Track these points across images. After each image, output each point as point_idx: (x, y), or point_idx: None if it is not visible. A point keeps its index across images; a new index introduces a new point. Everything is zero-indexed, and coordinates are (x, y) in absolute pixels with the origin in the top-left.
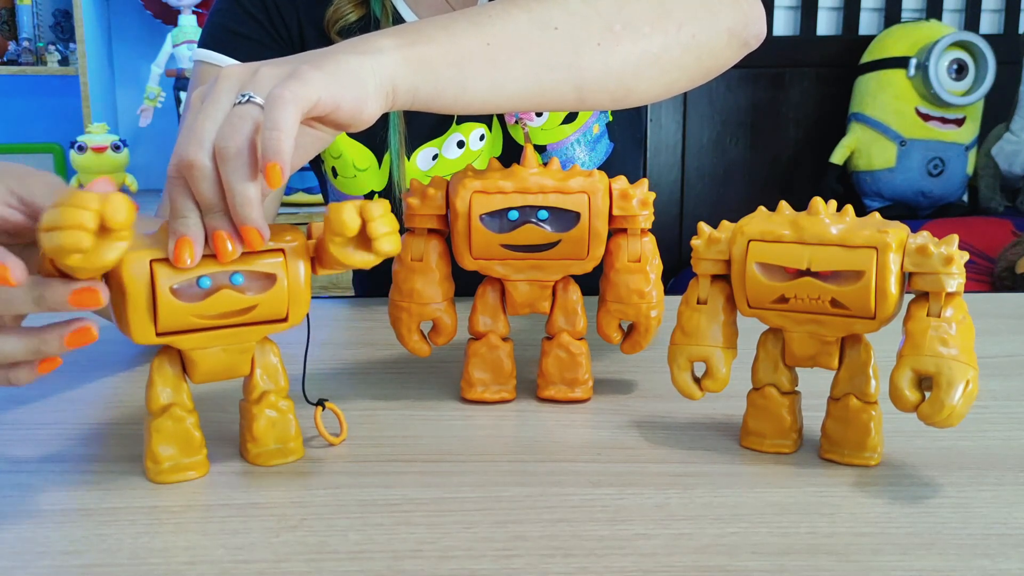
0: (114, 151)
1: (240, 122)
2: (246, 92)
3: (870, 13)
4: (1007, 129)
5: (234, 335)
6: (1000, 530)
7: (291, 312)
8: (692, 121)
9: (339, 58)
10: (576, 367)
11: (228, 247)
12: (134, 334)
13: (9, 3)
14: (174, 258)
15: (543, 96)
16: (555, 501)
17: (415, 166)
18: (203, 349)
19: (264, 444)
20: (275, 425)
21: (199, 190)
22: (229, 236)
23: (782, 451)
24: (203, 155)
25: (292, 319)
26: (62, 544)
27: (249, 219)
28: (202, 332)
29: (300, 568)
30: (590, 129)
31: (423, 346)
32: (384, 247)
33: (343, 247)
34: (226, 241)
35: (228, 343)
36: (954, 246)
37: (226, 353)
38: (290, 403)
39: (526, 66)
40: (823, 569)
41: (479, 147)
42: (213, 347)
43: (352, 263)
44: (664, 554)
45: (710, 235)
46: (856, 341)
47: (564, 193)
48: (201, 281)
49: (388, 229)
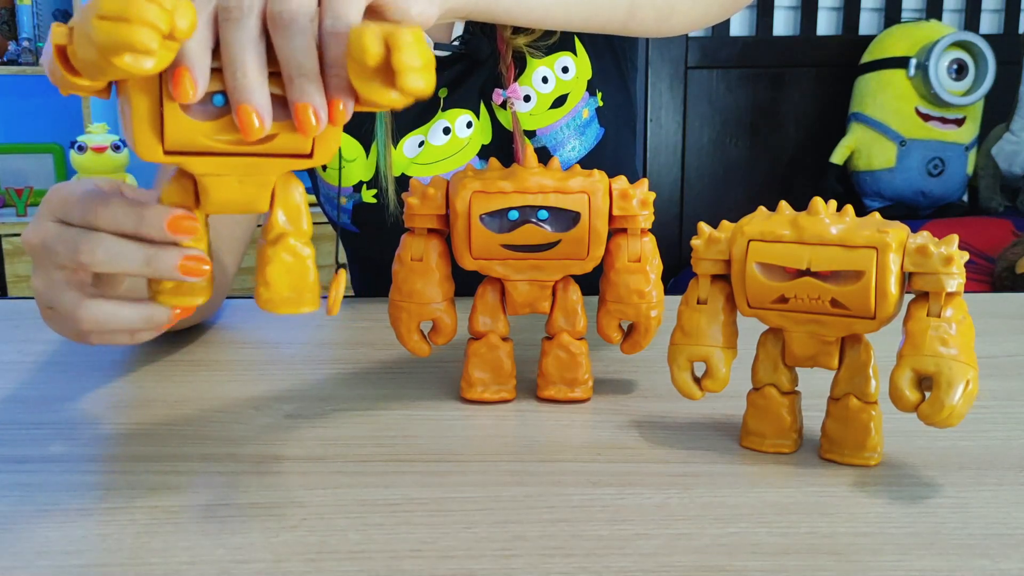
0: (114, 151)
1: None
2: None
3: (870, 13)
4: (1007, 129)
5: (252, 164)
6: (1000, 530)
7: (317, 147)
8: (692, 121)
9: None
10: (576, 367)
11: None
12: (139, 149)
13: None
14: (174, 91)
15: (597, 9)
16: (555, 501)
17: (401, 154)
18: (217, 176)
19: (277, 290)
20: (291, 271)
21: (239, 42)
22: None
23: (782, 451)
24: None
25: (319, 156)
26: (62, 544)
27: (306, 94)
28: (216, 156)
29: (300, 568)
30: (579, 114)
31: (423, 346)
32: (410, 83)
33: (364, 79)
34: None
35: (245, 173)
36: (954, 246)
37: (242, 184)
38: (311, 249)
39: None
40: (823, 569)
41: (466, 134)
42: (228, 175)
43: (375, 99)
44: (664, 554)
45: (710, 235)
46: (856, 341)
47: (564, 193)
48: (216, 99)
49: (418, 62)
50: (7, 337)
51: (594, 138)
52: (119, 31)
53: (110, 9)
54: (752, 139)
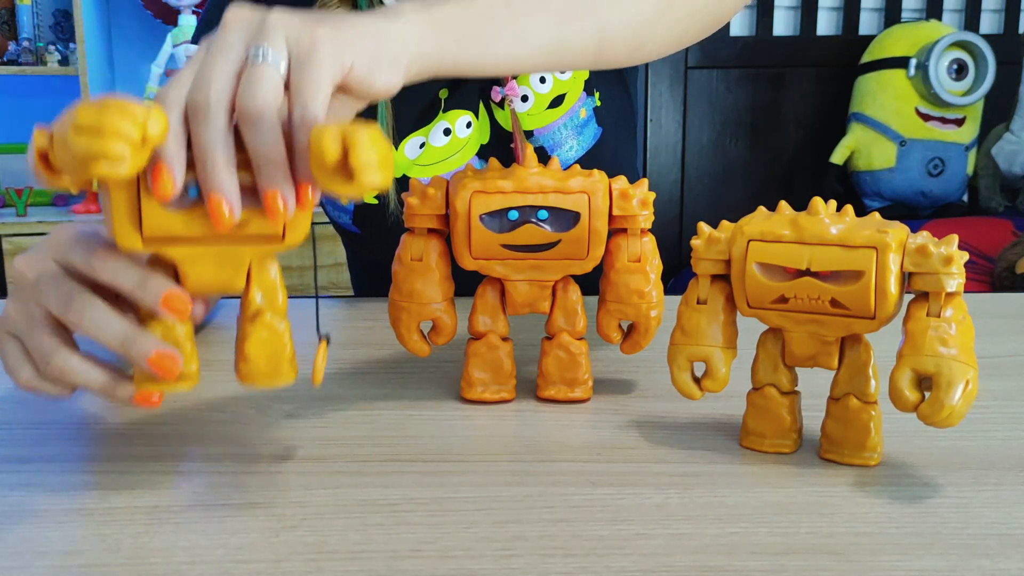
0: None
1: (259, 83)
2: (260, 46)
3: (870, 13)
4: (1007, 129)
5: (227, 249)
6: (1000, 530)
7: (289, 231)
8: (692, 121)
9: (360, 22)
10: (576, 367)
11: (226, 212)
12: (118, 239)
13: (9, 3)
14: (154, 188)
15: (565, 52)
16: (555, 501)
17: (403, 155)
18: (193, 261)
19: (255, 364)
20: (267, 345)
21: (208, 138)
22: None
23: (782, 451)
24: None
25: (290, 239)
26: (62, 544)
27: (274, 182)
28: (192, 243)
29: (300, 568)
30: (577, 114)
31: (423, 346)
32: (367, 180)
33: (325, 175)
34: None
35: (220, 257)
36: (954, 246)
37: (218, 267)
38: (287, 324)
39: (548, 22)
40: (823, 569)
41: (466, 135)
42: (204, 259)
43: (335, 192)
44: (664, 554)
45: (710, 235)
46: (856, 341)
47: (564, 193)
48: (190, 190)
49: (373, 159)
50: None
51: (592, 138)
52: (94, 143)
53: (85, 122)
54: (752, 139)
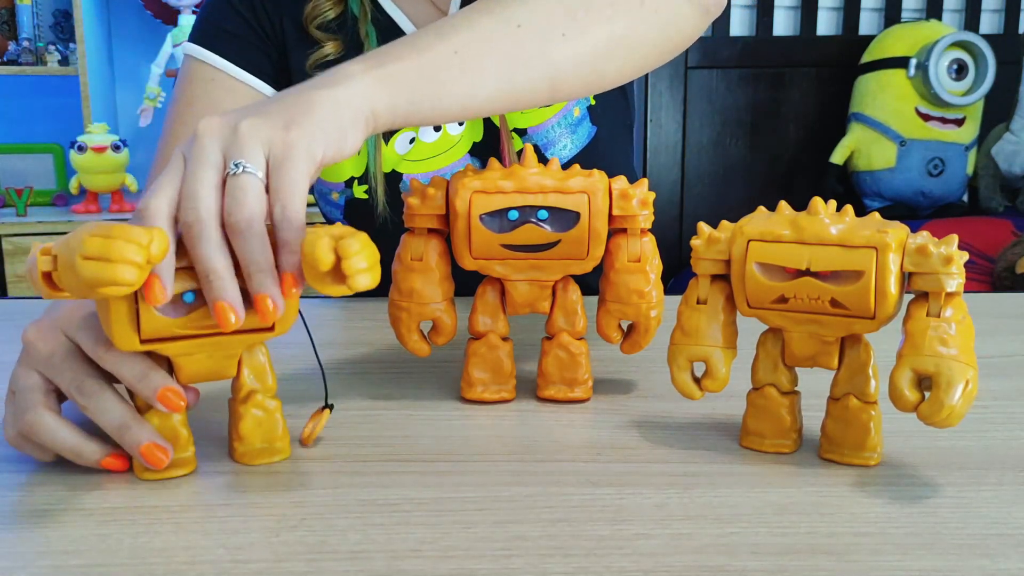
0: (114, 151)
1: (243, 195)
2: (240, 161)
3: (870, 13)
4: (1007, 129)
5: (220, 342)
6: (1000, 530)
7: (278, 323)
8: (692, 121)
9: (311, 97)
10: (576, 367)
11: (232, 319)
12: (116, 341)
13: (9, 3)
14: (146, 296)
15: (518, 94)
16: (555, 501)
17: (392, 150)
18: (188, 356)
19: (250, 443)
20: (261, 424)
21: (207, 254)
22: (232, 307)
23: (782, 451)
24: (208, 218)
25: (279, 329)
26: (62, 544)
27: (264, 287)
28: (186, 340)
29: (300, 568)
30: (570, 112)
31: (423, 346)
32: (358, 284)
33: (318, 279)
34: (229, 313)
35: (213, 350)
36: (954, 246)
37: (211, 358)
38: (277, 403)
39: (497, 67)
40: (823, 569)
41: (458, 132)
42: (198, 353)
43: (328, 293)
44: (664, 554)
45: (710, 235)
46: (856, 341)
47: (564, 193)
48: (186, 296)
49: (364, 266)
50: (7, 337)
51: (586, 136)
52: (104, 271)
53: (93, 250)
54: (752, 139)
